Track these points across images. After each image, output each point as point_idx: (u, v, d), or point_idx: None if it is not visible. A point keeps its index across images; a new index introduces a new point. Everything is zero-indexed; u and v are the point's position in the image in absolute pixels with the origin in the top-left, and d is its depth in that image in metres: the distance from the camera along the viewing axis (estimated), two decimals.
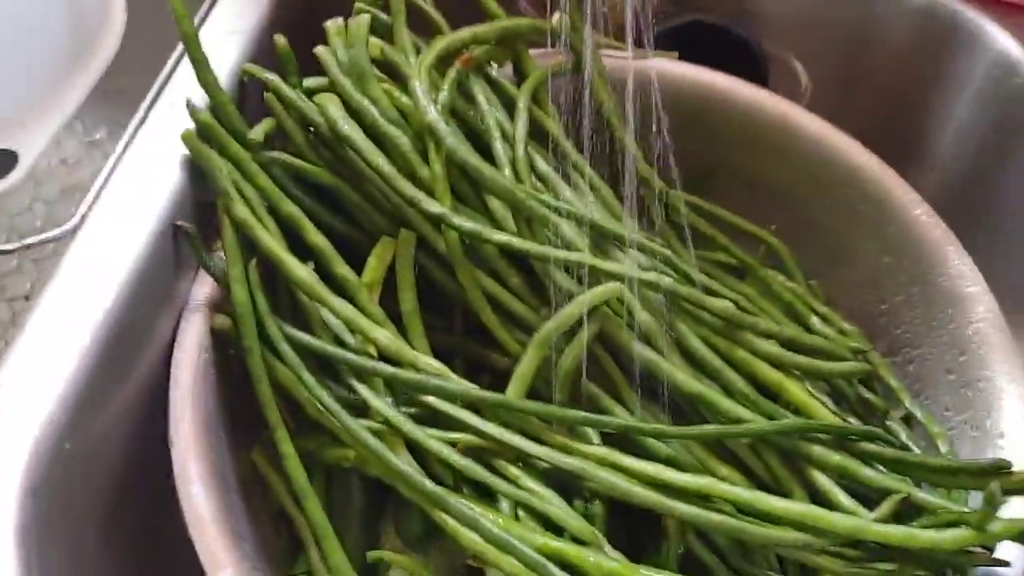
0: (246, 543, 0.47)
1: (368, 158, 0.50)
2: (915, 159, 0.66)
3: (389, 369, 0.49)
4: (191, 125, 0.50)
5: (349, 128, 0.51)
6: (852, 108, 0.65)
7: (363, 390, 0.49)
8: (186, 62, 0.53)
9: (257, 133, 0.52)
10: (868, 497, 0.47)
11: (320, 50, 0.53)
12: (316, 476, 0.52)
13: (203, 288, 0.50)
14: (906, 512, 0.46)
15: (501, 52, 0.58)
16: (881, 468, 0.48)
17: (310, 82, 0.54)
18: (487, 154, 0.53)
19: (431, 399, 0.49)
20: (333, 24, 0.55)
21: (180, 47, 0.56)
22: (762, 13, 0.68)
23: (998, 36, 0.62)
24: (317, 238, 0.51)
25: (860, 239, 0.58)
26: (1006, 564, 0.43)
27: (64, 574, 0.41)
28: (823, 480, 0.47)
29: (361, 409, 0.49)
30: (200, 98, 0.51)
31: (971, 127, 0.64)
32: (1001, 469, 0.46)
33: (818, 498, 0.47)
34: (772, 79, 0.68)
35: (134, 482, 0.47)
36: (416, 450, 0.48)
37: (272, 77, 0.53)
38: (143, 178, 0.49)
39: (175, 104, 0.52)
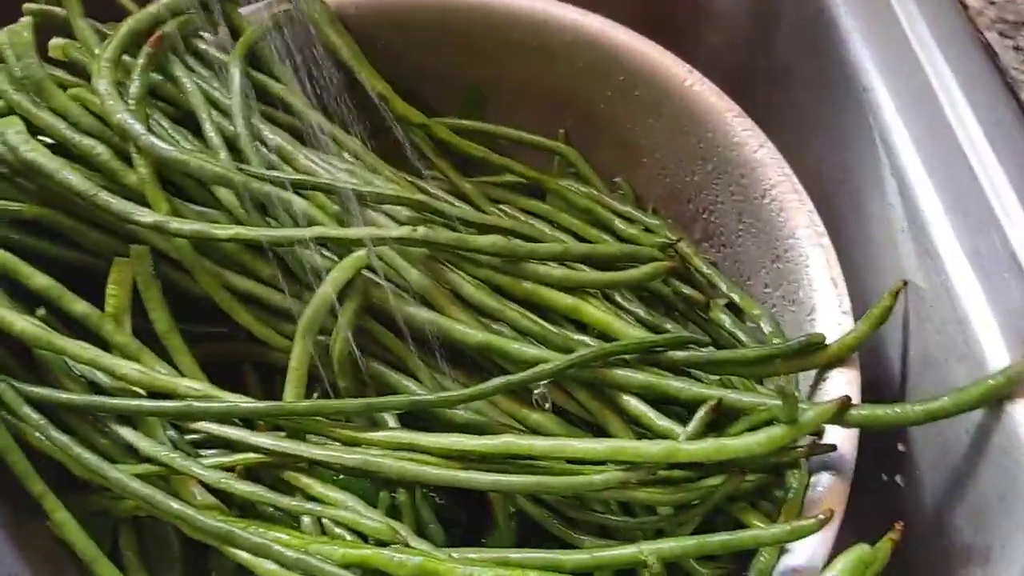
0: None
1: (60, 180, 0.44)
2: (701, 18, 0.61)
3: (146, 405, 0.44)
4: None
5: (33, 152, 0.45)
6: None
7: (126, 433, 0.44)
8: None
9: None
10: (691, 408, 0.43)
11: None
12: (124, 530, 0.47)
13: None
14: (726, 416, 0.42)
15: (209, 17, 0.52)
16: (698, 374, 0.44)
17: None
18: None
19: (201, 424, 0.44)
20: None
21: None
22: None
23: None
24: (38, 279, 0.46)
25: (644, 124, 0.54)
26: (832, 448, 0.39)
27: None
28: (633, 404, 0.43)
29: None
30: None
31: None
32: (814, 345, 0.42)
33: (634, 424, 0.43)
34: None
35: None
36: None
37: None
38: None
39: None
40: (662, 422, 0.42)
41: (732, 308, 0.50)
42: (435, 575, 0.39)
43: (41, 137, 0.46)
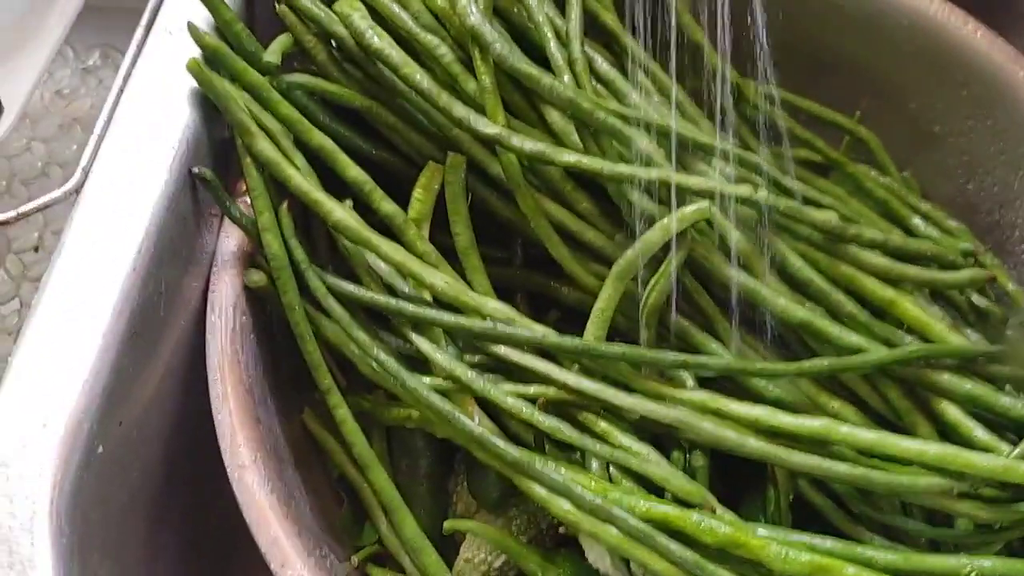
0: (306, 517, 0.43)
1: (404, 74, 0.43)
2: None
3: (451, 318, 0.43)
4: (195, 51, 0.43)
5: (379, 39, 0.44)
6: None
7: (423, 344, 0.43)
8: None
9: (273, 54, 0.45)
10: (1000, 426, 0.42)
11: None
12: (376, 436, 0.47)
13: (231, 240, 0.44)
14: None
15: None
16: (1012, 391, 0.43)
17: None
18: (539, 59, 0.45)
19: (501, 349, 0.43)
20: None
21: None
22: None
23: None
24: (354, 171, 0.45)
25: (961, 124, 0.51)
26: None
27: None
28: (953, 412, 0.41)
29: (419, 361, 0.44)
30: (202, 18, 0.43)
31: None
32: None
33: (947, 433, 0.42)
34: None
35: (178, 469, 0.42)
36: (488, 404, 0.43)
37: None
38: (148, 120, 0.42)
39: (173, 30, 0.44)
40: (984, 436, 0.41)
41: None
42: (744, 548, 0.38)
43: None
